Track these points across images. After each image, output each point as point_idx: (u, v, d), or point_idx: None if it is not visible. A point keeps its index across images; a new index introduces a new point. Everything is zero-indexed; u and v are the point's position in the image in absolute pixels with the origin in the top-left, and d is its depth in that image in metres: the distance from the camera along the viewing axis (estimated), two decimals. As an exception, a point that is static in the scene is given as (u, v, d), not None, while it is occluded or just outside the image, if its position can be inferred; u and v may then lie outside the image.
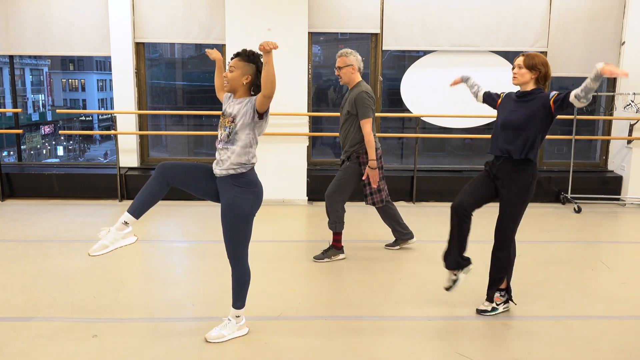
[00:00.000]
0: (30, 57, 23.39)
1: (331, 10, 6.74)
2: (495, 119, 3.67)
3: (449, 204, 3.55)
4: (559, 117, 7.20)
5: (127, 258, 4.62)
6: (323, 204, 6.62)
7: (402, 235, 4.86)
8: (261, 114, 3.00)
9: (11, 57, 7.11)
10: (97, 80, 35.04)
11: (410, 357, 3.01)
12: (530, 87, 3.40)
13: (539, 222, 5.91)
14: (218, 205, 3.14)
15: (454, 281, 3.62)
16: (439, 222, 5.88)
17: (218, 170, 3.08)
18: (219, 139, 3.10)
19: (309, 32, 6.60)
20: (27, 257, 4.55)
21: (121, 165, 6.74)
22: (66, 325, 3.31)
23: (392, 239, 4.96)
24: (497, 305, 3.59)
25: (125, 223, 3.19)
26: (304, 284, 4.09)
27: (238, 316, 3.22)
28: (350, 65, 4.34)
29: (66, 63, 34.20)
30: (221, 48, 6.85)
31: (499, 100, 3.62)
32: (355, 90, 4.33)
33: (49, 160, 26.26)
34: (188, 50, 7.60)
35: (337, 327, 3.35)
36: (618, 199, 6.86)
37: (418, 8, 6.77)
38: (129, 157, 6.88)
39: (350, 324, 3.41)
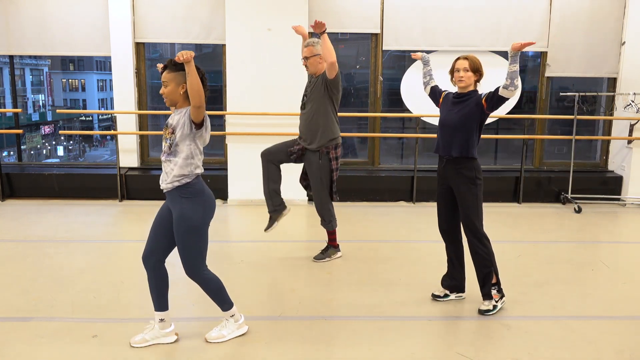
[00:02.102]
0: (30, 57, 23.41)
1: (331, 10, 6.74)
2: (494, 119, 3.72)
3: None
4: (559, 117, 7.23)
5: (127, 258, 4.62)
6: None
7: (278, 207, 4.61)
8: (198, 124, 2.90)
9: (11, 57, 7.11)
10: (97, 80, 35.07)
11: (410, 357, 3.01)
12: (471, 88, 3.57)
13: (539, 222, 5.91)
14: (218, 206, 3.13)
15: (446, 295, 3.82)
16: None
17: (164, 185, 2.96)
18: (163, 150, 2.99)
19: (309, 32, 6.59)
20: (27, 257, 4.55)
21: (121, 165, 6.74)
22: (66, 325, 3.31)
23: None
24: (497, 302, 3.61)
25: (162, 320, 3.16)
26: (304, 284, 4.09)
27: (232, 315, 3.20)
28: (318, 54, 4.27)
29: (66, 63, 34.22)
30: (221, 48, 6.87)
31: (440, 99, 3.75)
32: (322, 76, 4.27)
33: (49, 160, 26.26)
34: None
35: (337, 327, 3.35)
36: (618, 199, 6.86)
37: (418, 8, 6.76)
38: (129, 157, 6.88)
39: (350, 324, 3.40)
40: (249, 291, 3.93)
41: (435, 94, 3.82)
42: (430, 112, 6.87)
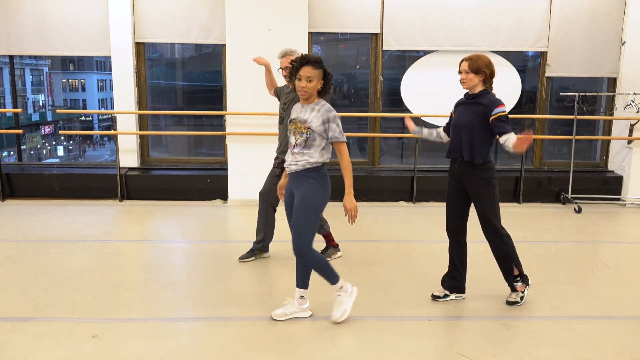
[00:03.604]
0: (30, 57, 23.41)
1: (331, 10, 6.74)
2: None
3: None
4: (559, 117, 7.23)
5: (127, 258, 4.62)
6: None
7: (264, 247, 4.60)
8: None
9: (11, 57, 7.12)
10: (97, 80, 35.06)
11: (411, 357, 3.01)
12: (479, 88, 3.56)
13: (539, 222, 5.91)
14: (217, 206, 3.14)
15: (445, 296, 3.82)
16: (439, 222, 5.86)
17: (293, 167, 3.27)
18: (294, 143, 3.27)
19: (309, 32, 6.60)
20: (27, 257, 4.55)
21: (121, 165, 6.74)
22: (66, 325, 3.31)
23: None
24: (522, 292, 3.71)
25: (302, 297, 3.50)
26: (304, 284, 4.09)
27: (341, 287, 3.40)
28: None
29: (66, 63, 34.21)
30: (221, 48, 6.87)
31: (454, 114, 3.75)
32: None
33: (49, 161, 26.27)
34: (188, 50, 7.60)
35: (337, 327, 3.35)
36: (618, 199, 6.86)
37: (418, 8, 6.77)
38: (129, 157, 6.89)
39: (350, 324, 3.40)
40: (249, 291, 3.93)
41: (449, 121, 3.82)
42: (430, 112, 6.89)
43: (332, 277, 3.37)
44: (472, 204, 3.68)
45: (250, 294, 3.88)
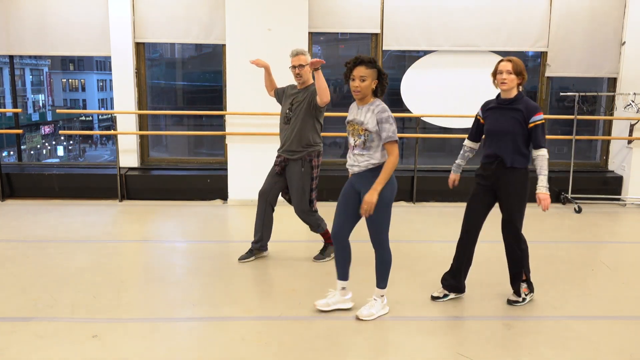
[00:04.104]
0: (30, 57, 23.40)
1: (331, 10, 6.74)
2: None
3: (449, 204, 3.60)
4: (559, 117, 7.23)
5: (127, 258, 4.62)
6: (323, 203, 6.62)
7: (262, 246, 4.61)
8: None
9: (11, 57, 7.12)
10: (97, 80, 35.06)
11: (410, 357, 3.01)
12: (514, 92, 3.53)
13: (539, 222, 5.91)
14: (217, 206, 3.15)
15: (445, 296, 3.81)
16: (439, 222, 5.88)
17: (356, 168, 3.35)
18: (354, 145, 3.33)
19: (309, 32, 6.60)
20: (27, 257, 4.55)
21: (121, 165, 6.74)
22: (66, 325, 3.31)
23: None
24: (525, 295, 3.72)
25: (343, 289, 3.60)
26: (304, 284, 4.09)
27: (382, 295, 3.49)
28: (308, 63, 4.31)
29: (66, 63, 34.21)
30: (221, 48, 6.87)
31: (481, 119, 3.71)
32: (313, 88, 4.29)
33: (49, 160, 26.27)
34: (188, 50, 7.61)
35: (337, 327, 3.35)
36: (618, 199, 6.86)
37: (418, 8, 6.77)
38: (129, 157, 6.89)
39: (350, 324, 3.40)
40: (249, 291, 3.93)
41: (476, 130, 3.77)
42: (430, 112, 6.89)
43: (385, 280, 3.47)
44: (498, 205, 3.67)
45: (250, 294, 3.88)
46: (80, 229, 5.44)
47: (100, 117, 30.01)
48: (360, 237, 5.31)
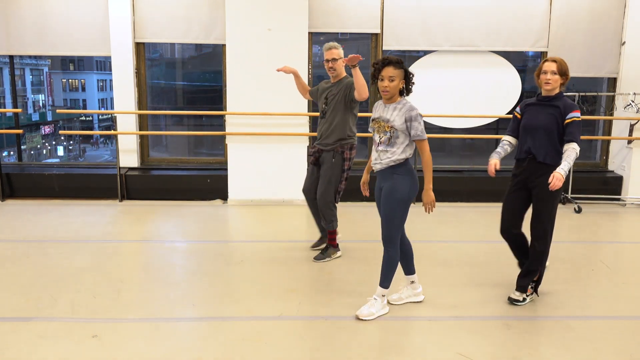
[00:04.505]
0: (30, 57, 23.39)
1: (331, 10, 6.74)
2: (494, 118, 3.71)
3: (449, 204, 3.61)
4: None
5: (127, 258, 4.62)
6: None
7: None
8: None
9: (11, 57, 7.11)
10: (97, 80, 35.06)
11: (410, 357, 3.01)
12: (556, 91, 3.57)
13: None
14: (217, 206, 3.16)
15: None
16: (439, 222, 5.88)
17: (380, 165, 3.43)
18: (379, 141, 3.40)
19: (309, 32, 6.60)
20: (27, 257, 4.55)
21: (121, 165, 6.74)
22: (66, 325, 3.31)
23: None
24: (527, 295, 3.71)
25: (412, 282, 3.71)
26: (304, 284, 4.09)
27: (383, 295, 3.52)
28: (342, 57, 4.41)
29: (66, 63, 34.21)
30: (221, 48, 6.87)
31: (519, 115, 3.76)
32: (346, 81, 4.39)
33: (49, 160, 26.27)
34: (188, 50, 7.61)
35: (337, 327, 3.35)
36: (618, 199, 6.86)
37: (418, 8, 6.77)
38: (129, 157, 6.89)
39: (350, 324, 3.41)
40: (249, 291, 3.93)
41: (515, 123, 3.80)
42: (430, 112, 6.89)
43: (388, 280, 3.50)
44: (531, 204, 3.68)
45: (250, 294, 3.88)
46: (80, 229, 5.44)
47: (100, 117, 30.01)
48: (366, 237, 5.31)
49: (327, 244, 4.63)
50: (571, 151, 3.45)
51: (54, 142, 30.21)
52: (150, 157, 7.16)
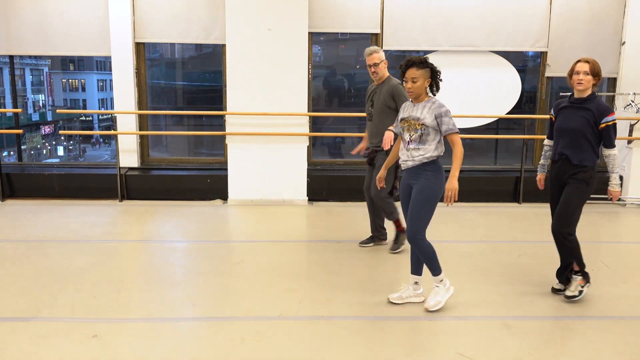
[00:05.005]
0: (30, 57, 23.41)
1: (331, 10, 6.74)
2: (494, 118, 3.73)
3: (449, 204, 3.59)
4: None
5: (127, 258, 4.62)
6: (323, 204, 6.65)
7: (380, 234, 4.99)
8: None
9: (11, 57, 7.12)
10: (97, 80, 35.09)
11: (411, 357, 3.01)
12: (588, 92, 3.59)
13: (539, 222, 5.91)
14: (217, 206, 3.16)
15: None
16: (439, 222, 5.86)
17: (410, 163, 3.48)
18: (409, 139, 3.45)
19: (309, 32, 6.60)
20: (27, 257, 4.55)
21: (121, 165, 6.74)
22: (66, 325, 3.31)
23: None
24: (582, 287, 3.74)
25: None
26: (304, 284, 4.09)
27: (441, 280, 3.59)
28: (383, 60, 4.58)
29: (66, 63, 34.24)
30: (221, 48, 6.87)
31: (554, 118, 3.80)
32: (389, 83, 4.54)
33: (49, 160, 26.28)
34: (188, 50, 7.61)
35: (337, 327, 3.35)
36: (618, 199, 6.85)
37: (418, 8, 6.77)
38: (129, 157, 6.89)
39: (350, 324, 3.40)
40: (249, 291, 3.93)
41: (551, 126, 3.84)
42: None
43: (436, 269, 3.55)
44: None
45: (250, 294, 3.88)
46: (80, 229, 5.44)
47: (100, 117, 30.02)
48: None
49: (397, 231, 4.81)
50: (613, 158, 3.54)
51: (54, 142, 30.23)
52: (150, 157, 7.17)
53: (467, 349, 3.10)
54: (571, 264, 3.78)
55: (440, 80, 3.49)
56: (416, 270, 3.69)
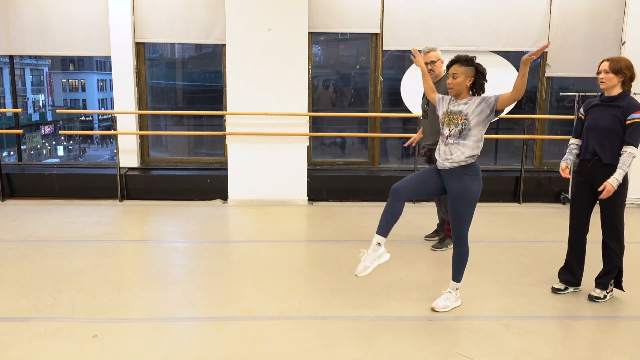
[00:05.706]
0: (30, 57, 23.41)
1: (331, 10, 6.74)
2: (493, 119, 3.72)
3: None
4: (559, 117, 7.23)
5: (127, 258, 4.62)
6: (323, 204, 6.65)
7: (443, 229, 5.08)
8: (498, 111, 3.33)
9: (11, 57, 7.12)
10: (97, 80, 35.09)
11: (410, 357, 3.01)
12: (617, 90, 3.59)
13: (539, 222, 5.91)
14: (217, 206, 3.14)
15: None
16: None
17: (448, 163, 3.41)
18: (448, 134, 3.40)
19: (309, 32, 6.60)
20: (27, 257, 4.55)
21: (121, 165, 6.74)
22: (66, 325, 3.31)
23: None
24: (608, 292, 3.79)
25: (378, 244, 3.46)
26: (304, 284, 4.09)
27: (457, 289, 3.62)
28: (440, 59, 4.62)
29: (66, 63, 34.26)
30: (221, 48, 6.87)
31: (583, 117, 3.81)
32: (445, 82, 4.52)
33: (49, 160, 26.29)
34: (188, 50, 7.61)
35: (337, 327, 3.35)
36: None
37: (418, 8, 6.77)
38: (129, 157, 6.89)
39: (350, 324, 3.41)
40: (249, 291, 3.93)
41: (580, 124, 3.86)
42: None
43: (460, 274, 3.59)
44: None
45: (250, 294, 3.88)
46: (80, 229, 5.44)
47: (100, 117, 30.02)
48: (366, 237, 5.31)
49: (445, 234, 4.86)
50: (627, 156, 3.51)
51: (54, 142, 30.23)
52: (150, 157, 7.17)
53: (467, 349, 3.10)
54: (614, 269, 3.78)
55: (485, 81, 3.38)
56: (383, 231, 3.44)
